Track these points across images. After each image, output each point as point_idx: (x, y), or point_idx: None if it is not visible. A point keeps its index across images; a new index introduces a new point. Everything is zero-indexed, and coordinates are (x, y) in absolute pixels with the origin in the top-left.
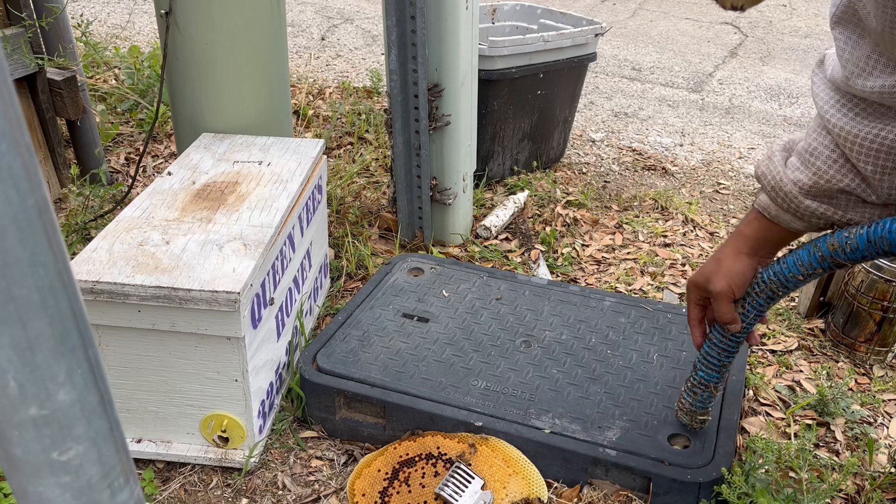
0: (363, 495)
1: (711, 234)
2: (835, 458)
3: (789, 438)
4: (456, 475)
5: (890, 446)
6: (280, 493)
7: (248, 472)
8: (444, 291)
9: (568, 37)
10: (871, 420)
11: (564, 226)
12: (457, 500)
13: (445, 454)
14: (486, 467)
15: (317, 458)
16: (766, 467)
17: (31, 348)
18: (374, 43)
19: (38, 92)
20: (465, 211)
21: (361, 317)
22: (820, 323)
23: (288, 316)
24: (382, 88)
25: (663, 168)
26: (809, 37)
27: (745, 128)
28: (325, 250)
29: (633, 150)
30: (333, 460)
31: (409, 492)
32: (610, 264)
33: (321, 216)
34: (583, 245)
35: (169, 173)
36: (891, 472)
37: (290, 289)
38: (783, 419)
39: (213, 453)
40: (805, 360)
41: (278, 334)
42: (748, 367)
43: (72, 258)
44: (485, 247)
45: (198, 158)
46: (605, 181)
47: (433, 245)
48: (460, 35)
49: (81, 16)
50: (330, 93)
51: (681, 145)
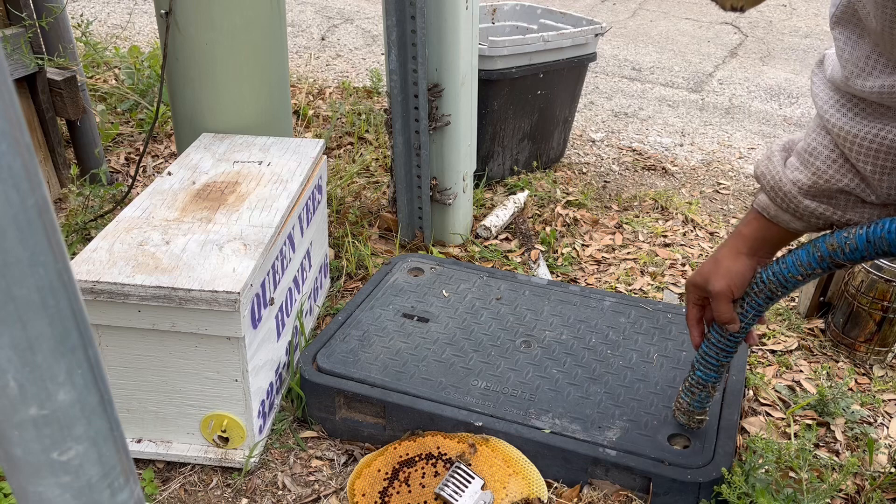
0: (363, 495)
1: (711, 234)
2: (835, 458)
3: (789, 438)
4: (456, 475)
5: (890, 446)
6: (280, 493)
7: (248, 472)
8: (444, 291)
9: (568, 37)
10: (871, 420)
11: (564, 226)
12: (457, 500)
13: (445, 454)
14: (486, 467)
15: (317, 458)
16: (766, 467)
17: (31, 348)
18: (374, 43)
19: (38, 92)
20: (465, 211)
21: (361, 317)
22: (820, 323)
23: (288, 316)
24: (382, 88)
25: (663, 168)
26: (809, 37)
27: (745, 128)
28: (325, 250)
29: (633, 150)
30: (333, 460)
31: (409, 492)
32: (610, 264)
33: (321, 216)
34: (583, 245)
35: (169, 173)
36: (891, 472)
37: (290, 289)
38: (783, 419)
39: (213, 453)
40: (805, 360)
41: (278, 334)
42: (748, 367)
43: (72, 258)
44: (485, 247)
45: (198, 158)
46: (605, 181)
47: (433, 245)
48: (460, 35)
49: (81, 16)
50: (330, 93)
51: (681, 145)
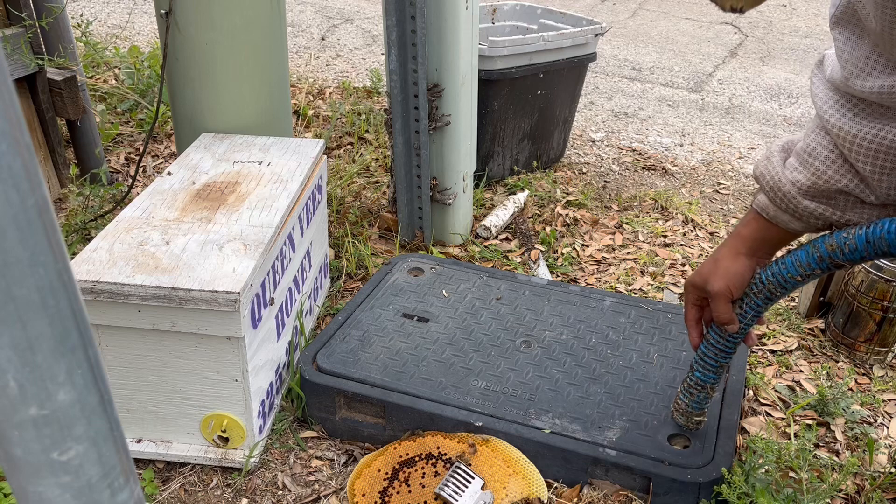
0: (363, 495)
1: (711, 234)
2: (835, 458)
3: (789, 438)
4: (456, 475)
5: (890, 446)
6: (280, 493)
7: (248, 472)
8: (444, 291)
9: (568, 37)
10: (871, 420)
11: (564, 226)
12: (457, 500)
13: (445, 454)
14: (486, 467)
15: (317, 458)
16: (766, 467)
17: (31, 348)
18: (374, 43)
19: (38, 92)
20: (465, 211)
21: (361, 317)
22: (820, 323)
23: (288, 316)
24: (382, 88)
25: (663, 168)
26: (809, 37)
27: (745, 128)
28: (325, 250)
29: (633, 150)
30: (333, 460)
31: (409, 492)
32: (610, 264)
33: (321, 216)
34: (583, 245)
35: (169, 173)
36: (891, 472)
37: (290, 289)
38: (783, 419)
39: (213, 453)
40: (805, 360)
41: (278, 334)
42: (748, 367)
43: (72, 258)
44: (485, 247)
45: (198, 158)
46: (605, 181)
47: (433, 245)
48: (460, 35)
49: (81, 16)
50: (330, 93)
51: (681, 145)
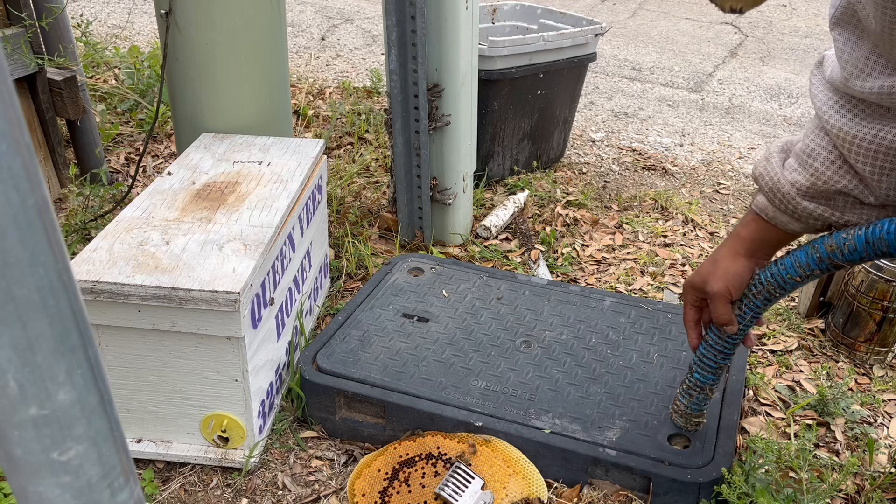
0: (363, 495)
1: (711, 234)
2: (835, 458)
3: (789, 438)
4: (456, 475)
5: (890, 446)
6: (280, 493)
7: (248, 472)
8: (444, 291)
9: (568, 37)
10: (871, 420)
11: (564, 226)
12: (457, 500)
13: (445, 454)
14: (486, 467)
15: (317, 458)
16: (766, 467)
17: (31, 348)
18: (374, 43)
19: (38, 92)
20: (465, 211)
21: (361, 317)
22: (820, 323)
23: (288, 316)
24: (382, 88)
25: (663, 168)
26: (809, 37)
27: (745, 128)
28: (325, 250)
29: (633, 150)
30: (333, 460)
31: (409, 492)
32: (610, 264)
33: (321, 216)
34: (583, 245)
35: (169, 173)
36: (891, 472)
37: (290, 289)
38: (783, 419)
39: (213, 453)
40: (805, 360)
41: (278, 334)
42: (748, 367)
43: (72, 258)
44: (485, 247)
45: (198, 158)
46: (605, 181)
47: (433, 245)
48: (460, 35)
49: (81, 16)
50: (330, 93)
51: (681, 145)
